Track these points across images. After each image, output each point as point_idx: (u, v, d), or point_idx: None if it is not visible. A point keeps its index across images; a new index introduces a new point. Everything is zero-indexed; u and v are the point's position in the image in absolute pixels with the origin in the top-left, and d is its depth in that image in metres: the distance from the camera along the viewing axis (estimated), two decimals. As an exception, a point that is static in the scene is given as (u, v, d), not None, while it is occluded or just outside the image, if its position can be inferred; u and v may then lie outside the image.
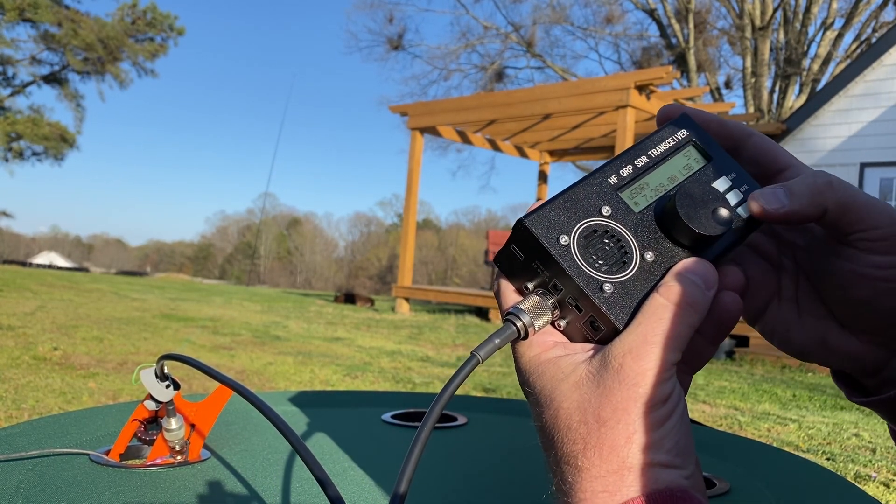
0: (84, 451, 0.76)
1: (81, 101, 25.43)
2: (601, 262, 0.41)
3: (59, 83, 25.14)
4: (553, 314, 0.41)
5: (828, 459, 3.79)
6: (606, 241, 0.41)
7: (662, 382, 0.37)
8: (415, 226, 11.68)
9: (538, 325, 0.41)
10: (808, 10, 17.73)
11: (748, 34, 18.19)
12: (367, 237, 56.06)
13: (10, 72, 24.65)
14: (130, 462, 0.77)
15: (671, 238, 0.42)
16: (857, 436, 4.41)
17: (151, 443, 0.76)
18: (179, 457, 0.76)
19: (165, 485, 0.68)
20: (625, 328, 0.39)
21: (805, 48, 17.98)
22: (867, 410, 5.34)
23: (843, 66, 13.53)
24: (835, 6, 17.55)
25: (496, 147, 12.55)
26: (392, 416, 1.02)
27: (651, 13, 20.62)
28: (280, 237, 55.31)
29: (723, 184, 0.45)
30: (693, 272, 0.39)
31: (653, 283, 0.40)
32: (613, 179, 0.43)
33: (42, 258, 45.98)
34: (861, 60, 9.99)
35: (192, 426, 0.78)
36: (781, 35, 18.51)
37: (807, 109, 10.37)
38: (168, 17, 24.45)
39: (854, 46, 17.78)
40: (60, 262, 43.12)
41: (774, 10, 17.90)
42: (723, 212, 0.41)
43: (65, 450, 0.76)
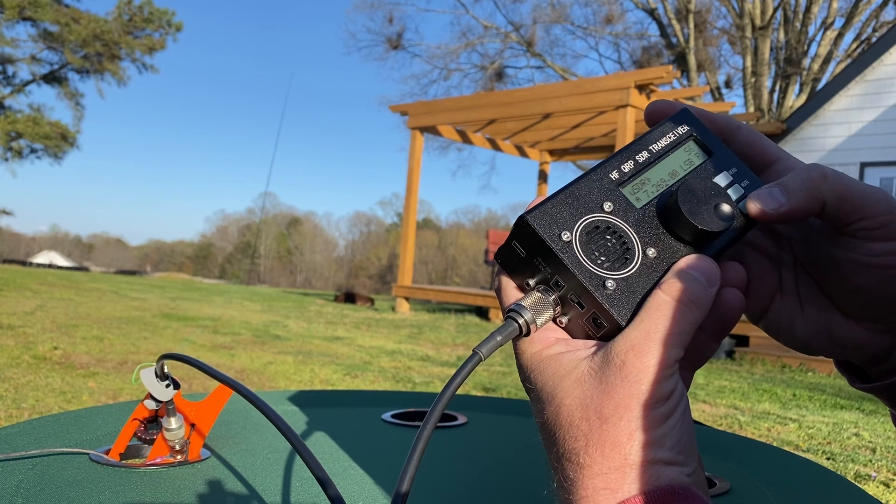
0: (84, 451, 0.76)
1: (81, 100, 25.45)
2: (603, 259, 0.40)
3: (59, 82, 25.15)
4: (555, 311, 0.41)
5: (828, 459, 3.79)
6: (608, 238, 0.41)
7: (665, 379, 0.37)
8: (415, 225, 11.68)
9: (540, 322, 0.41)
10: (809, 10, 17.73)
11: (748, 34, 18.19)
12: (367, 236, 56.09)
13: (11, 70, 24.67)
14: (130, 461, 0.77)
15: (673, 234, 0.42)
16: (857, 435, 4.41)
17: (151, 442, 0.76)
18: (179, 456, 0.76)
19: (165, 484, 0.68)
20: (627, 325, 0.39)
21: (805, 48, 17.98)
22: (867, 410, 5.34)
23: (844, 66, 13.54)
24: (835, 6, 17.55)
25: (496, 146, 12.55)
26: (392, 416, 1.02)
27: (651, 13, 20.62)
28: (280, 236, 55.31)
29: (724, 179, 0.44)
30: (696, 269, 0.39)
31: (655, 280, 0.40)
32: (615, 175, 0.43)
33: (42, 257, 45.98)
34: (861, 60, 9.99)
35: (192, 426, 0.78)
36: (781, 34, 18.51)
37: (807, 109, 10.37)
38: (165, 13, 24.43)
39: (854, 46, 17.78)
40: (60, 262, 43.12)
41: (774, 10, 17.89)
42: (725, 207, 0.41)
43: (65, 449, 0.76)
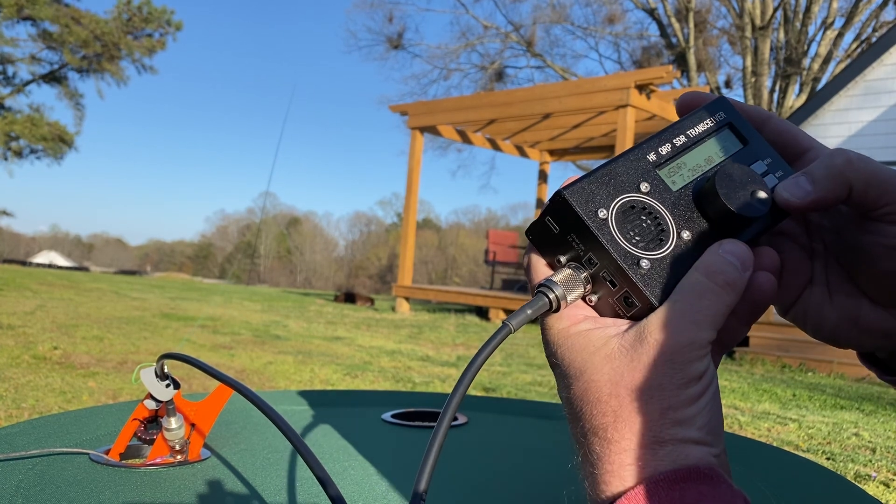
0: (84, 451, 0.76)
1: (81, 100, 25.45)
2: (638, 239, 0.40)
3: (59, 82, 25.15)
4: (585, 289, 0.41)
5: (828, 459, 3.79)
6: (644, 218, 0.41)
7: (697, 360, 0.37)
8: (415, 225, 11.68)
9: (570, 299, 0.41)
10: (809, 10, 17.73)
11: (748, 33, 18.19)
12: (367, 236, 56.09)
13: (10, 70, 24.67)
14: (130, 461, 0.77)
15: (708, 218, 0.42)
16: (857, 435, 4.41)
17: (151, 442, 0.76)
18: (179, 456, 0.76)
19: (165, 484, 0.68)
20: (659, 305, 0.39)
21: (805, 48, 17.98)
22: (867, 410, 5.34)
23: (844, 66, 13.54)
24: (835, 5, 17.55)
25: (496, 146, 12.55)
26: (392, 416, 1.02)
27: (651, 13, 20.62)
28: (280, 236, 55.31)
29: (759, 168, 0.44)
30: (730, 252, 0.39)
31: (689, 262, 0.40)
32: (652, 157, 0.43)
33: (42, 257, 45.99)
34: (861, 60, 9.99)
35: (193, 425, 0.78)
36: (781, 34, 18.51)
37: (807, 109, 10.37)
38: (164, 12, 24.41)
39: (854, 46, 17.78)
40: (60, 262, 43.12)
41: (775, 10, 17.89)
42: (761, 194, 0.41)
43: (65, 449, 0.76)
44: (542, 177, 13.59)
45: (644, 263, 0.40)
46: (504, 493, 0.73)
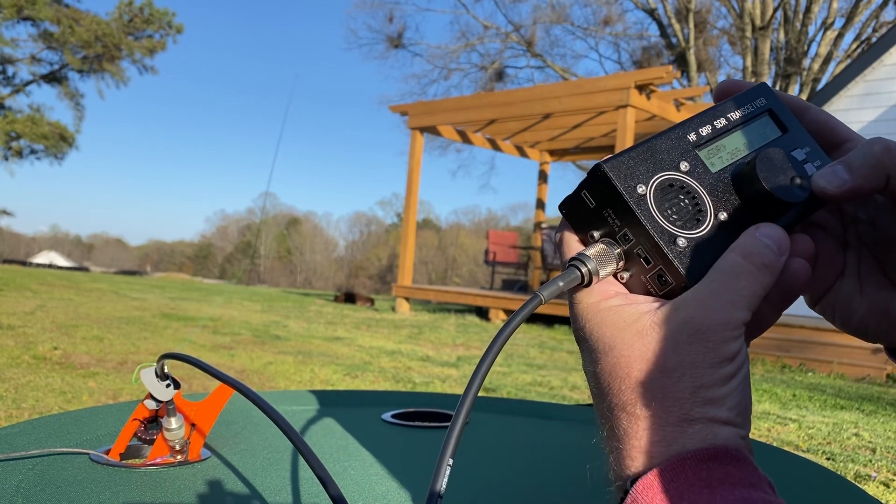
0: (84, 451, 0.76)
1: (81, 100, 25.45)
2: (675, 217, 0.40)
3: (59, 82, 25.16)
4: (618, 265, 0.41)
5: (828, 459, 3.79)
6: (682, 197, 0.41)
7: (732, 340, 0.36)
8: (415, 225, 11.68)
9: (602, 274, 0.40)
10: (809, 10, 17.73)
11: (748, 34, 18.19)
12: (367, 237, 56.08)
13: (11, 71, 24.67)
14: (130, 461, 0.77)
15: (746, 201, 0.42)
16: (857, 436, 4.41)
17: (151, 442, 0.76)
18: (180, 456, 0.76)
19: (165, 484, 0.68)
20: (693, 284, 0.39)
21: (805, 48, 17.98)
22: (867, 410, 5.34)
23: (844, 66, 13.54)
24: (835, 6, 17.55)
25: (496, 147, 12.55)
26: (392, 416, 1.02)
27: (651, 13, 20.62)
28: (280, 236, 55.31)
29: (797, 156, 0.44)
30: (767, 235, 0.39)
31: (725, 244, 0.40)
32: (693, 137, 0.43)
33: (42, 257, 45.98)
34: (861, 60, 9.99)
35: (193, 425, 0.78)
36: (782, 35, 18.51)
37: (807, 109, 10.35)
38: (166, 14, 24.44)
39: (854, 46, 17.78)
40: (60, 262, 43.11)
41: (775, 10, 17.89)
42: (801, 181, 0.41)
43: (65, 449, 0.76)
44: (542, 177, 13.58)
45: (681, 241, 0.39)
46: (504, 494, 0.73)
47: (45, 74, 24.94)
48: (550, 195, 14.03)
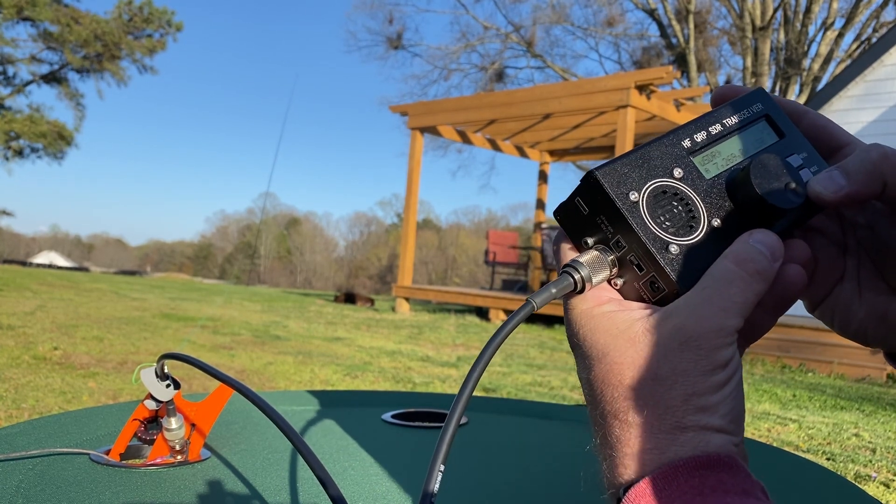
0: (84, 451, 0.76)
1: (81, 100, 25.46)
2: (668, 224, 0.40)
3: (59, 82, 25.16)
4: (611, 272, 0.41)
5: (828, 459, 3.79)
6: (675, 204, 0.41)
7: (724, 347, 0.36)
8: (415, 225, 11.68)
9: (596, 280, 0.40)
10: (809, 10, 17.73)
11: (748, 34, 18.19)
12: (367, 237, 56.07)
13: (11, 71, 24.67)
14: (131, 462, 0.77)
15: (740, 207, 0.42)
16: (857, 436, 4.41)
17: (152, 442, 0.76)
18: (180, 456, 0.76)
19: (166, 484, 0.68)
20: (686, 290, 0.38)
21: (805, 48, 17.98)
22: (867, 410, 5.34)
23: (844, 66, 13.54)
24: (835, 6, 17.55)
25: (496, 147, 12.55)
26: (392, 416, 1.02)
27: (651, 13, 20.62)
28: (280, 237, 55.31)
29: (794, 161, 0.44)
30: (761, 242, 0.39)
31: (718, 250, 0.40)
32: (687, 143, 0.43)
33: (42, 258, 45.98)
34: (861, 60, 9.99)
35: (193, 426, 0.78)
36: (782, 35, 18.51)
37: (807, 109, 10.35)
38: (165, 13, 24.44)
39: (854, 46, 17.78)
40: (60, 262, 43.11)
41: (775, 10, 17.89)
42: (796, 187, 0.41)
43: (65, 449, 0.76)
44: (542, 177, 13.58)
45: (673, 248, 0.39)
46: (504, 494, 0.73)
47: (45, 74, 24.94)
48: (550, 195, 14.03)
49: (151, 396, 0.75)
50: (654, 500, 0.34)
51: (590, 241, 0.42)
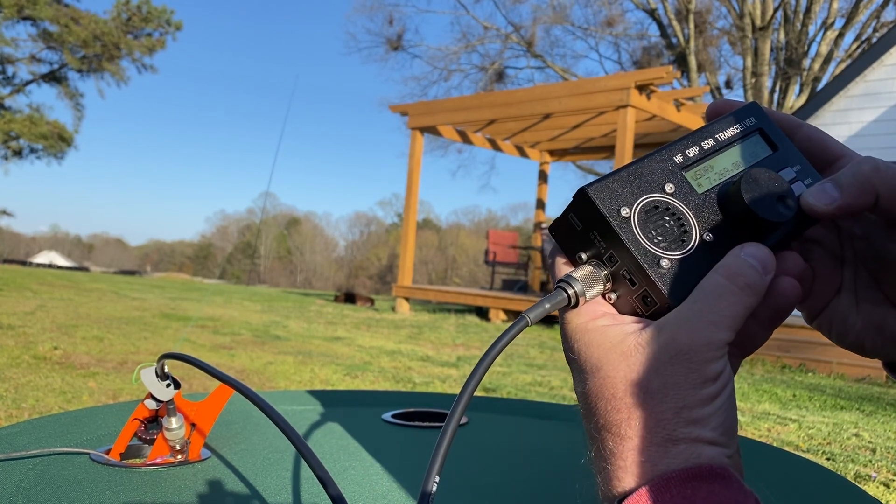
0: (84, 451, 0.76)
1: (81, 100, 25.45)
2: (660, 238, 0.40)
3: (59, 81, 25.16)
4: (605, 286, 0.41)
5: (828, 459, 3.79)
6: (667, 218, 0.41)
7: (714, 360, 0.37)
8: (415, 225, 11.68)
9: (589, 295, 0.41)
10: (809, 10, 17.73)
11: (748, 34, 18.19)
12: (367, 237, 56.08)
13: (10, 70, 24.67)
14: (131, 461, 0.77)
15: (732, 222, 0.42)
16: (857, 436, 4.41)
17: (152, 442, 0.76)
18: (180, 456, 0.76)
19: (166, 484, 0.68)
20: (677, 305, 0.39)
21: (805, 48, 17.98)
22: (867, 410, 5.34)
23: (844, 66, 13.53)
24: (835, 6, 17.55)
25: (496, 147, 12.55)
26: (392, 416, 1.02)
27: (651, 13, 20.62)
28: (280, 237, 55.32)
29: (788, 175, 0.44)
30: (752, 255, 0.39)
31: (710, 264, 0.40)
32: (679, 158, 0.43)
33: (42, 257, 45.99)
34: (861, 60, 9.99)
35: (193, 425, 0.78)
36: (782, 35, 18.51)
37: (807, 109, 10.37)
38: (164, 12, 24.43)
39: (855, 46, 17.78)
40: (60, 262, 43.12)
41: (775, 10, 17.89)
42: (787, 200, 0.41)
43: (65, 449, 0.76)
44: (543, 177, 13.58)
45: (664, 263, 0.40)
46: (505, 494, 0.73)
47: (45, 74, 24.93)
48: (550, 195, 14.05)
49: (152, 396, 0.75)
50: None
51: (584, 257, 0.42)
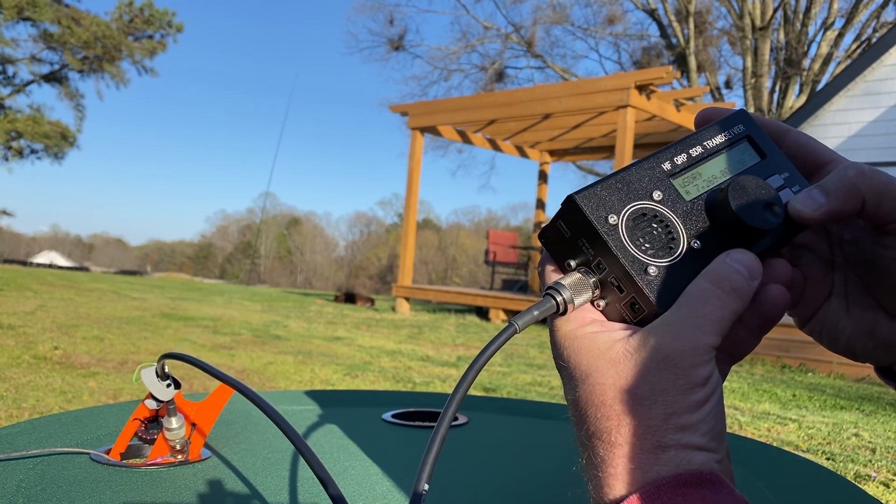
0: (85, 451, 0.76)
1: (81, 100, 25.45)
2: (647, 246, 0.41)
3: (59, 82, 25.15)
4: (594, 293, 0.41)
5: (828, 459, 3.79)
6: (654, 226, 0.41)
7: (701, 365, 0.37)
8: (415, 225, 11.68)
9: (578, 302, 0.41)
10: (809, 10, 17.72)
11: (748, 34, 18.18)
12: (368, 237, 56.07)
13: (11, 70, 24.67)
14: (131, 461, 0.77)
15: (720, 229, 0.42)
16: (857, 436, 4.41)
17: (152, 442, 0.76)
18: (180, 456, 0.76)
19: (166, 484, 0.68)
20: (665, 311, 0.39)
21: (805, 48, 17.97)
22: (867, 410, 5.34)
23: (844, 66, 13.53)
24: (835, 6, 17.55)
25: (496, 147, 12.55)
26: (392, 416, 1.02)
27: (651, 13, 20.62)
28: (280, 237, 55.31)
29: (776, 181, 0.44)
30: (737, 261, 0.40)
31: (697, 271, 0.40)
32: (667, 166, 0.43)
33: (42, 257, 45.99)
34: (861, 60, 9.99)
35: (193, 425, 0.78)
36: (782, 35, 18.51)
37: (807, 109, 10.37)
38: (166, 14, 24.44)
39: (854, 46, 17.78)
40: (61, 262, 43.11)
41: (775, 10, 17.89)
42: (774, 207, 0.41)
43: (65, 449, 0.76)
44: (542, 177, 13.59)
45: (651, 270, 0.40)
46: (504, 493, 0.73)
47: (45, 74, 24.93)
48: (550, 195, 14.04)
49: (152, 396, 0.75)
50: None
51: (573, 264, 0.42)
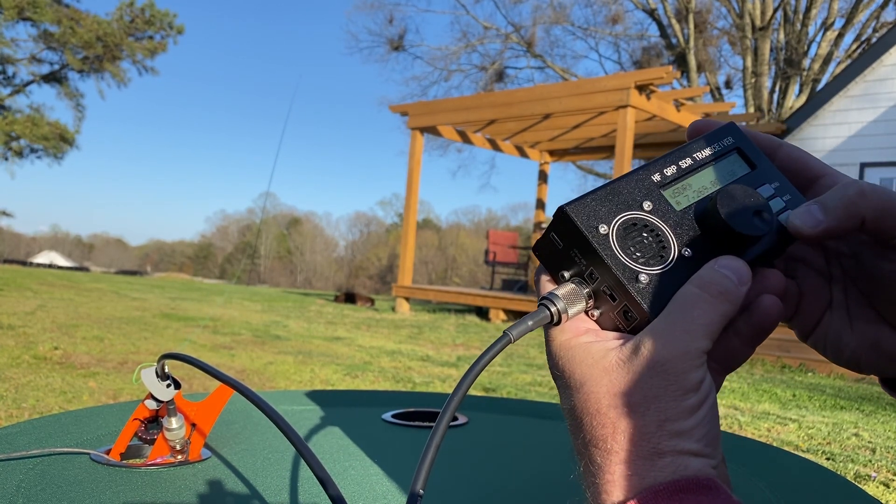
0: (85, 451, 0.76)
1: (81, 100, 25.44)
2: (639, 255, 0.41)
3: (59, 82, 25.14)
4: (587, 303, 0.42)
5: (828, 459, 3.79)
6: (645, 235, 0.42)
7: (693, 370, 0.37)
8: (415, 225, 11.68)
9: (571, 312, 0.41)
10: (809, 10, 17.73)
11: (748, 34, 18.18)
12: (368, 237, 56.07)
13: (10, 71, 24.66)
14: (131, 461, 0.77)
15: (710, 237, 0.42)
16: (857, 436, 4.41)
17: (152, 442, 0.76)
18: (180, 456, 0.76)
19: (166, 484, 0.68)
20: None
21: (805, 48, 17.98)
22: (867, 410, 5.34)
23: (844, 66, 13.53)
24: (835, 6, 17.55)
25: (496, 147, 12.55)
26: (392, 416, 1.02)
27: (651, 13, 20.62)
28: (280, 237, 55.31)
29: (766, 191, 0.45)
30: (725, 266, 0.40)
31: (688, 278, 0.41)
32: (657, 177, 0.44)
33: (42, 257, 45.99)
34: (861, 60, 9.99)
35: (193, 425, 0.78)
36: (782, 35, 18.51)
37: (807, 109, 10.37)
38: (167, 15, 24.44)
39: (854, 46, 17.78)
40: (61, 262, 43.11)
41: (775, 10, 17.89)
42: (763, 214, 0.42)
43: (65, 449, 0.76)
44: (542, 177, 13.59)
45: (643, 278, 0.40)
46: (504, 494, 0.73)
47: (45, 74, 24.92)
48: (550, 195, 14.07)
49: (152, 396, 0.75)
50: None
51: (566, 275, 0.43)
